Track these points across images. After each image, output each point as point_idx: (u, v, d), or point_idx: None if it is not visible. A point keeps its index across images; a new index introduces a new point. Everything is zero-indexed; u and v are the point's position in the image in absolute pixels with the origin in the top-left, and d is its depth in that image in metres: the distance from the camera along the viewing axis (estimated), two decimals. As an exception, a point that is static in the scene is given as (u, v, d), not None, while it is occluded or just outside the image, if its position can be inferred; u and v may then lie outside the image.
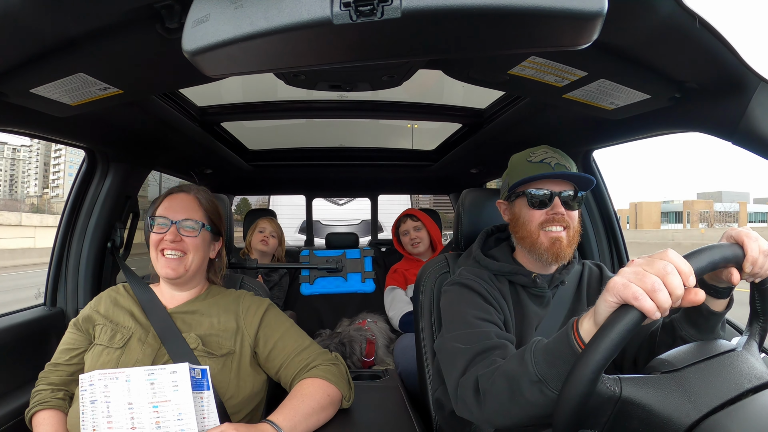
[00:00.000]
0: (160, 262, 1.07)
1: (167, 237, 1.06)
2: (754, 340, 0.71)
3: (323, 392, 1.01)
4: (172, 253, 1.06)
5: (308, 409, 0.96)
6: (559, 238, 1.02)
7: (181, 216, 1.08)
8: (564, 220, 1.02)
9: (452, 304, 1.03)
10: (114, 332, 1.05)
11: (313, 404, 0.98)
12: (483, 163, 2.35)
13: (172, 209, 1.09)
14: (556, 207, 1.02)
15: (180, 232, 1.07)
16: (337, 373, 1.06)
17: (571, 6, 0.53)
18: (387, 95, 1.67)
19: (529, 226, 1.04)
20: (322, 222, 5.13)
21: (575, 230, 1.04)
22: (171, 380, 0.89)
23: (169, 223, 1.07)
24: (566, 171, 1.03)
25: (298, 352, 1.08)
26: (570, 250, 1.03)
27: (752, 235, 0.68)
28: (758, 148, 0.86)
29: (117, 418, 0.87)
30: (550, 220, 1.02)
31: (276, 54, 0.61)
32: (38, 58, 0.79)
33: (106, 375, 0.89)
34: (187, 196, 1.12)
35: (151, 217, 1.09)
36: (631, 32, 0.74)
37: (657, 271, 0.58)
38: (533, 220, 1.04)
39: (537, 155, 1.06)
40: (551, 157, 1.05)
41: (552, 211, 1.02)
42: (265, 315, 1.12)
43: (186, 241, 1.07)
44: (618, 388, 0.61)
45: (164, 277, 1.08)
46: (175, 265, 1.06)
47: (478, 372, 0.83)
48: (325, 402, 1.00)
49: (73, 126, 1.25)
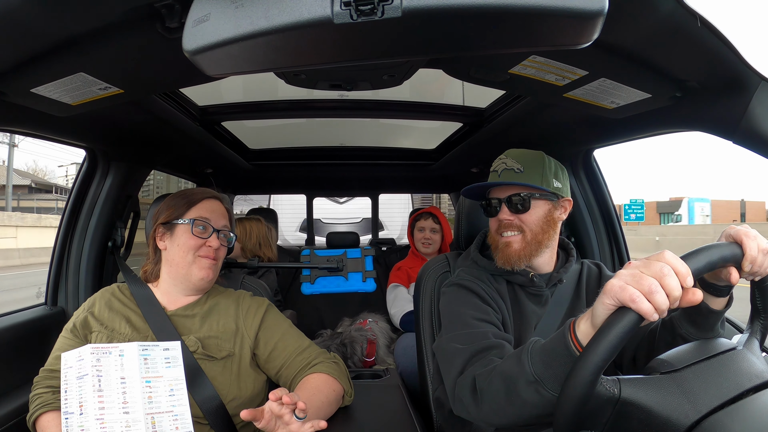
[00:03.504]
0: (196, 265, 1.05)
1: (211, 243, 1.05)
2: (755, 338, 0.71)
3: (330, 387, 1.02)
4: (208, 261, 1.06)
5: (319, 403, 0.97)
6: (508, 242, 1.04)
7: (222, 223, 1.08)
8: (513, 225, 1.04)
9: (450, 305, 1.04)
10: (110, 339, 1.02)
11: (322, 398, 0.99)
12: (484, 163, 2.35)
13: (213, 214, 1.08)
14: (501, 213, 1.05)
15: (219, 239, 1.08)
16: (338, 370, 1.07)
17: (571, 5, 0.53)
18: (387, 94, 1.67)
19: (491, 233, 1.10)
20: (322, 220, 5.13)
21: (534, 231, 1.03)
22: (164, 357, 0.91)
23: (212, 229, 1.06)
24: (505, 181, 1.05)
25: (300, 352, 1.08)
26: (528, 252, 1.03)
27: (751, 234, 0.68)
28: (759, 147, 0.86)
29: (108, 392, 0.86)
30: (500, 226, 1.06)
31: (276, 53, 0.61)
32: (38, 58, 0.79)
33: (98, 349, 0.88)
34: (220, 204, 1.12)
35: (190, 218, 1.06)
36: (632, 31, 0.74)
37: (654, 272, 0.58)
38: (492, 227, 1.10)
39: (494, 164, 1.10)
40: (501, 164, 1.08)
41: (498, 218, 1.06)
42: (265, 316, 1.11)
43: (221, 249, 1.08)
44: (617, 389, 0.61)
45: (200, 279, 1.06)
46: (215, 270, 1.07)
47: (475, 372, 0.84)
48: (333, 397, 1.01)
49: (73, 126, 1.25)
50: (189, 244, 1.05)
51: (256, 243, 2.30)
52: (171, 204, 1.09)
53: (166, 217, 1.08)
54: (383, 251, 2.99)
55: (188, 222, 1.05)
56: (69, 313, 1.52)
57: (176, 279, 1.08)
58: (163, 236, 1.09)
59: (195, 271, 1.05)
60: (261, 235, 2.33)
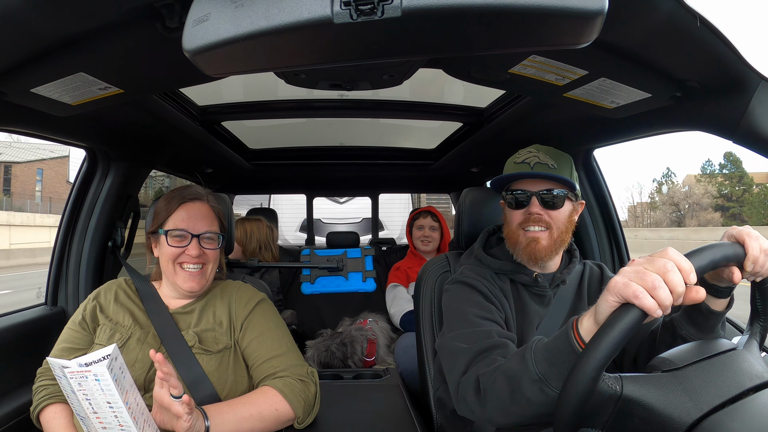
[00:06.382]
0: (181, 277, 1.04)
1: (191, 252, 1.03)
2: (755, 340, 0.71)
3: (271, 405, 0.97)
4: (194, 267, 1.04)
5: (245, 413, 0.94)
6: (536, 238, 1.01)
7: (201, 228, 1.05)
8: (542, 220, 1.01)
9: (454, 303, 1.03)
10: (113, 332, 1.04)
11: (252, 411, 0.95)
12: (484, 162, 2.35)
13: (191, 221, 1.05)
14: (532, 207, 1.02)
15: (201, 244, 1.05)
16: (298, 390, 1.00)
17: (572, 5, 0.53)
18: (387, 94, 1.67)
19: (511, 226, 1.05)
20: (322, 220, 5.13)
21: (560, 230, 1.02)
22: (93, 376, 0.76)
23: (190, 236, 1.04)
24: (541, 172, 1.01)
25: (269, 357, 1.05)
26: (552, 251, 1.02)
27: (753, 234, 0.68)
28: (759, 146, 0.86)
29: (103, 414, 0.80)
30: (527, 220, 1.02)
31: (276, 53, 0.61)
32: (38, 58, 0.79)
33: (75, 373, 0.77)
34: (203, 205, 1.09)
35: (165, 229, 1.04)
36: (632, 31, 0.74)
37: (657, 269, 0.58)
38: (513, 220, 1.05)
39: (521, 155, 1.07)
40: (533, 157, 1.04)
41: (528, 211, 1.02)
42: (254, 309, 1.10)
43: (207, 253, 1.06)
44: (619, 386, 0.61)
45: (188, 290, 1.06)
46: (198, 278, 1.05)
47: (479, 371, 0.84)
48: (269, 415, 0.96)
49: (73, 125, 1.25)
50: (168, 254, 1.04)
51: (256, 246, 2.29)
52: (156, 211, 1.09)
53: (151, 226, 1.09)
54: (383, 251, 2.99)
55: (163, 232, 1.05)
56: (69, 312, 1.52)
57: (169, 285, 1.10)
58: (154, 244, 1.10)
59: (180, 281, 1.05)
60: (262, 239, 2.32)
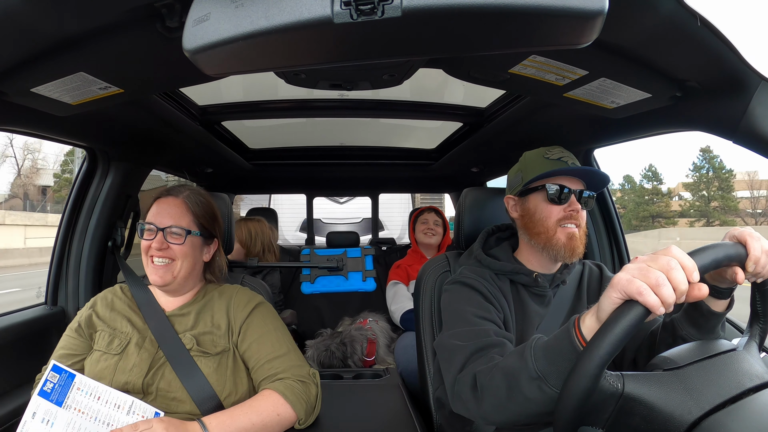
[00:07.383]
0: (149, 269, 1.07)
1: (154, 244, 1.05)
2: (755, 341, 0.71)
3: (273, 409, 0.97)
4: (161, 261, 1.06)
5: (247, 423, 0.94)
6: (575, 234, 1.02)
7: (167, 222, 1.06)
8: (579, 217, 1.03)
9: (452, 303, 1.03)
10: (112, 338, 1.04)
11: (254, 419, 0.95)
12: (484, 162, 2.35)
13: (159, 215, 1.07)
14: (573, 204, 1.02)
15: (167, 239, 1.06)
16: (299, 392, 1.01)
17: (572, 5, 0.53)
18: (388, 94, 1.67)
19: (547, 222, 1.03)
20: (322, 220, 5.13)
21: (584, 230, 1.04)
22: None
23: (156, 229, 1.06)
24: (591, 167, 1.04)
25: (270, 359, 1.05)
26: (583, 248, 1.04)
27: (755, 235, 0.68)
28: (759, 147, 0.86)
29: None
30: (567, 216, 1.02)
31: (276, 53, 0.61)
32: (39, 58, 0.79)
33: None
34: (176, 200, 1.10)
35: (140, 222, 1.08)
36: (632, 31, 0.74)
37: (661, 266, 0.58)
38: (551, 215, 1.03)
39: (554, 153, 1.06)
40: (567, 156, 1.06)
41: (570, 208, 1.02)
42: (252, 312, 1.10)
43: (173, 248, 1.06)
44: (620, 384, 0.61)
45: (156, 284, 1.07)
46: (162, 273, 1.05)
47: (476, 369, 0.83)
48: (271, 420, 0.96)
49: (73, 125, 1.25)
50: (142, 247, 1.08)
51: (260, 248, 2.31)
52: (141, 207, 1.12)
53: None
54: (383, 251, 2.99)
55: (140, 226, 1.09)
56: (69, 312, 1.52)
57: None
58: None
59: (149, 273, 1.07)
60: (266, 242, 2.33)
